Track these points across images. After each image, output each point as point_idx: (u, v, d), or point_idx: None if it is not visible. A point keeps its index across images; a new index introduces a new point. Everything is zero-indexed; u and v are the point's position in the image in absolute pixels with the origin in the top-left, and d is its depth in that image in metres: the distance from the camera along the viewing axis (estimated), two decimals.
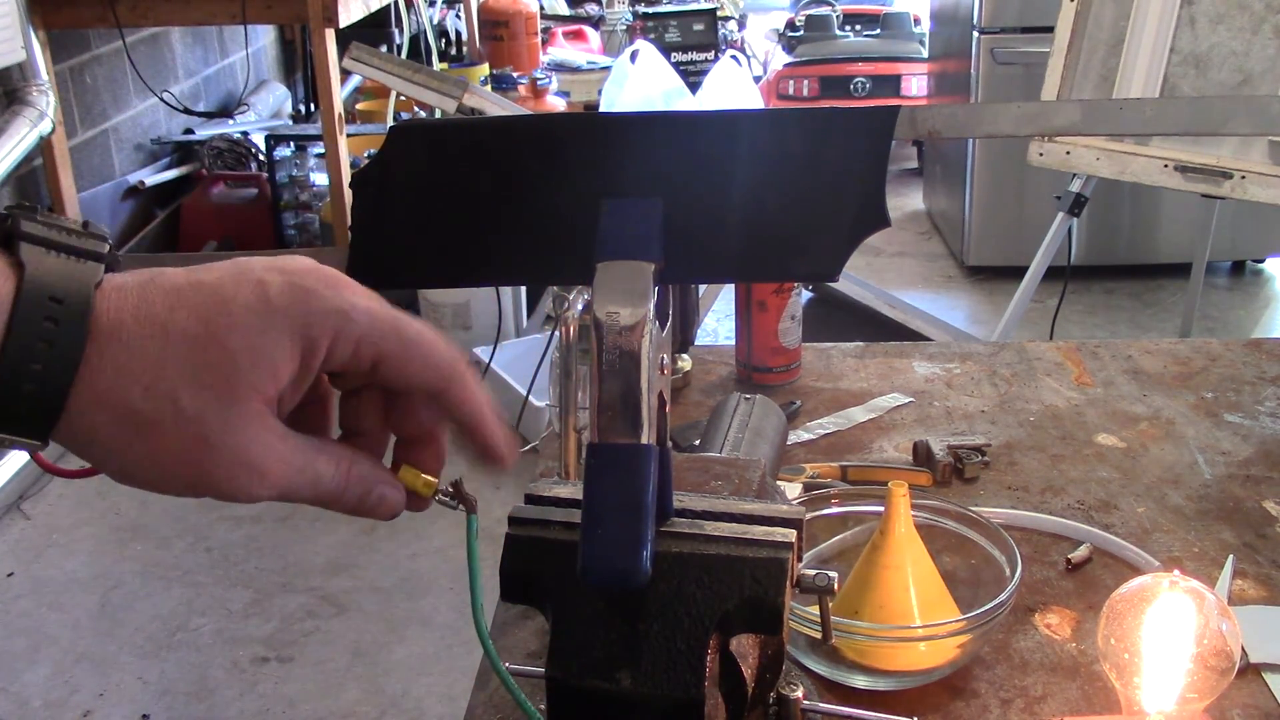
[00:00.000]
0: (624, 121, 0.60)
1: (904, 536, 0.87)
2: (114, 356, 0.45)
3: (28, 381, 0.44)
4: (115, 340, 0.45)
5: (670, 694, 0.56)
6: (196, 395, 0.46)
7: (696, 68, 5.08)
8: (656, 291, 0.55)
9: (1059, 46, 2.48)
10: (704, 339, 3.71)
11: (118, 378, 0.45)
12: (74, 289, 0.45)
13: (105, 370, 0.45)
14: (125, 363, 0.45)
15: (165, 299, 0.47)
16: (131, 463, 0.47)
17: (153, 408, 0.46)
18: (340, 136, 3.74)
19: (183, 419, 0.46)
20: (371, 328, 0.49)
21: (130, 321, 0.46)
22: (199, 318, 0.46)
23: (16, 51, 3.08)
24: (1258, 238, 4.41)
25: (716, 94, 1.35)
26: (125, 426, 0.46)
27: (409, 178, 0.59)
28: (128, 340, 0.46)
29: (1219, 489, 1.13)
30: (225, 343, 0.46)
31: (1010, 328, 2.97)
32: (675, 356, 1.35)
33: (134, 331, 0.46)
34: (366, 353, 0.49)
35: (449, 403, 0.52)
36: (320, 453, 0.51)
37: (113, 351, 0.45)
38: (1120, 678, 0.79)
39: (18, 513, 2.98)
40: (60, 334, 0.44)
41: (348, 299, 0.49)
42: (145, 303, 0.46)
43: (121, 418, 0.46)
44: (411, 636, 2.50)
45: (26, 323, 0.44)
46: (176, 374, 0.46)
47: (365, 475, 0.52)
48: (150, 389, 0.46)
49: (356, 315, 0.49)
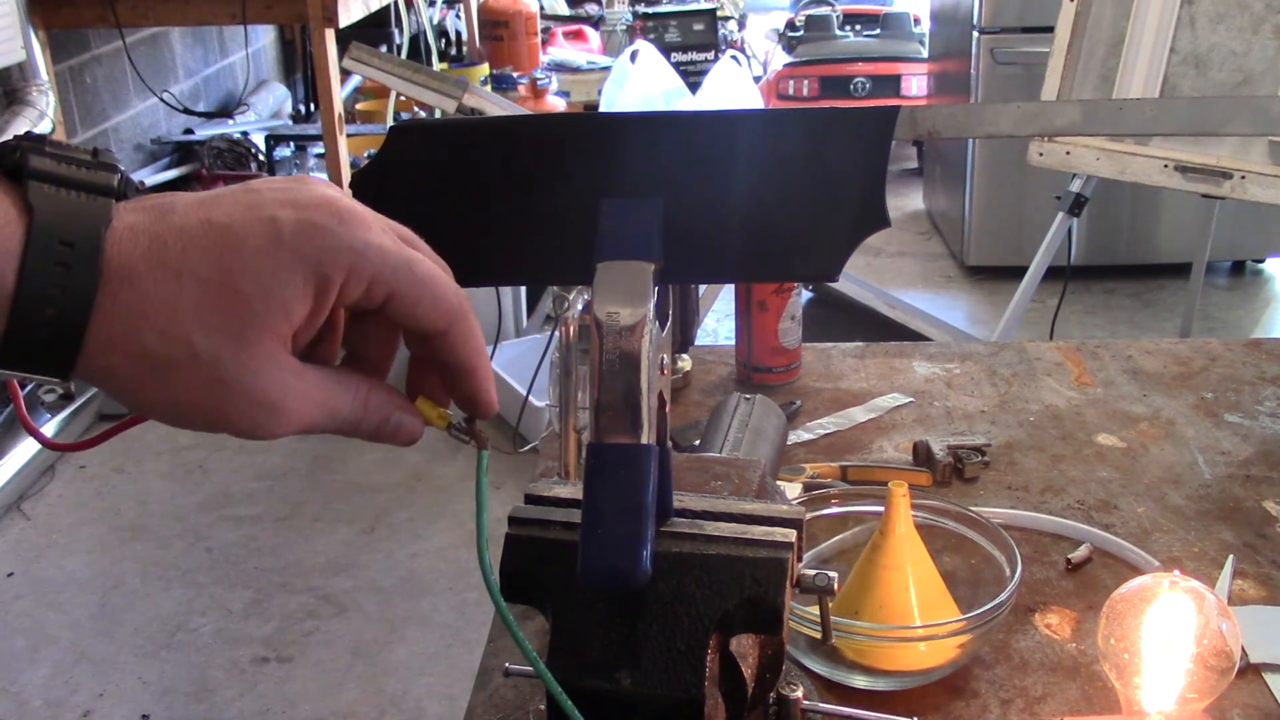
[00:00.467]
0: (624, 121, 0.60)
1: (904, 536, 0.87)
2: (127, 300, 0.45)
3: (43, 326, 0.44)
4: (127, 284, 0.45)
5: (670, 694, 0.56)
6: (210, 337, 0.46)
7: (696, 68, 5.09)
8: (656, 291, 0.55)
9: (1059, 46, 2.48)
10: (704, 339, 3.71)
11: (131, 320, 0.45)
12: (84, 231, 0.44)
13: (119, 313, 0.45)
14: (138, 306, 0.45)
15: (177, 239, 0.46)
16: (150, 402, 0.47)
17: (167, 350, 0.46)
18: (340, 136, 3.74)
19: (198, 361, 0.46)
20: (384, 265, 0.49)
21: (142, 265, 0.45)
22: (211, 259, 0.46)
23: (16, 51, 3.08)
24: (1258, 238, 4.41)
25: (716, 94, 1.35)
26: (142, 367, 0.46)
27: (409, 178, 0.59)
28: (139, 284, 0.45)
29: (1219, 489, 1.13)
30: (238, 284, 0.46)
31: (1010, 328, 2.97)
32: (675, 356, 1.35)
33: (146, 275, 0.45)
34: (378, 291, 0.49)
35: (448, 344, 0.52)
36: (337, 384, 0.51)
37: (125, 295, 0.45)
38: (1120, 678, 0.79)
39: (18, 513, 2.98)
40: (72, 278, 0.44)
41: (361, 236, 0.48)
42: (157, 245, 0.46)
43: (137, 359, 0.46)
44: (411, 636, 2.50)
45: (38, 267, 0.44)
46: (190, 317, 0.46)
47: (382, 403, 0.52)
48: (164, 332, 0.45)
49: (370, 253, 0.48)
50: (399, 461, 3.24)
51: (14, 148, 0.45)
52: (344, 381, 0.51)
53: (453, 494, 3.06)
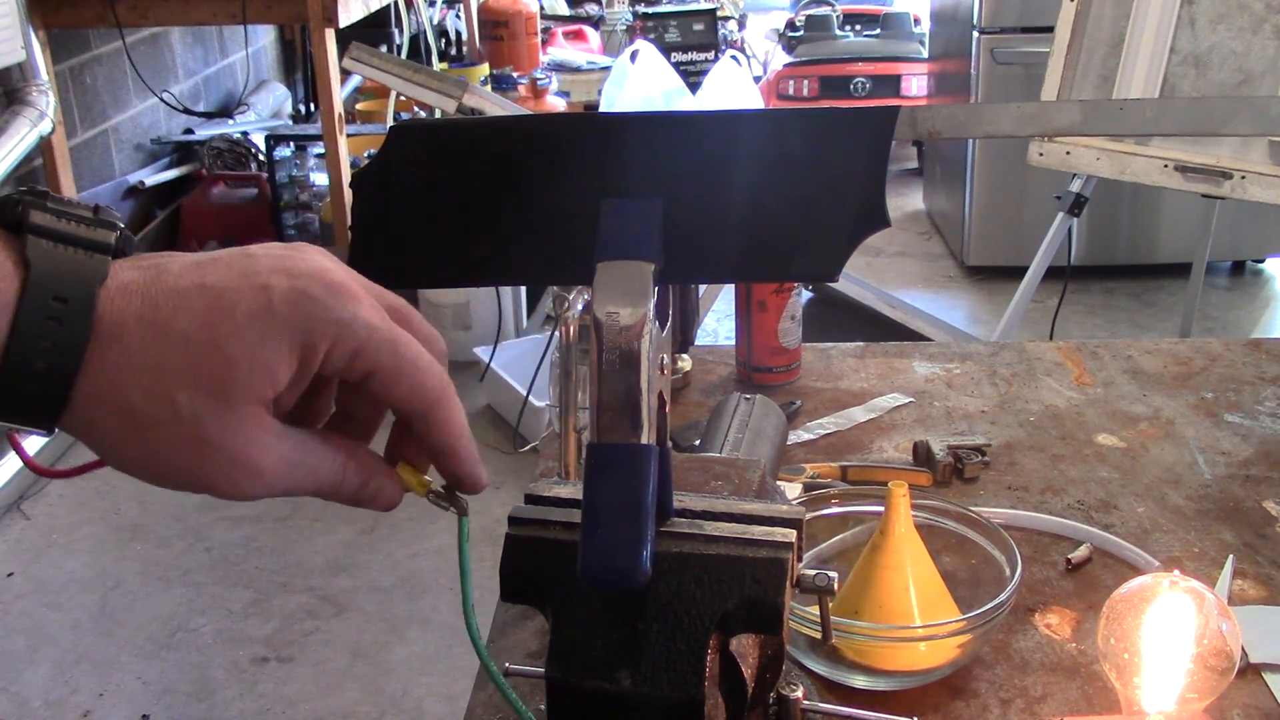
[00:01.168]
0: (624, 121, 0.60)
1: (904, 536, 0.87)
2: (115, 357, 0.46)
3: (32, 379, 0.45)
4: (117, 341, 0.46)
5: (670, 694, 0.56)
6: (194, 397, 0.46)
7: (696, 68, 5.09)
8: (656, 291, 0.55)
9: (1059, 46, 2.48)
10: (704, 339, 3.71)
11: (118, 376, 0.46)
12: (79, 288, 0.45)
13: (106, 369, 0.46)
14: (125, 363, 0.46)
15: (169, 301, 0.47)
16: (130, 458, 0.48)
17: (151, 408, 0.46)
18: (340, 136, 3.74)
19: (180, 420, 0.47)
20: (369, 341, 0.50)
21: (133, 324, 0.46)
22: (201, 322, 0.47)
23: (16, 51, 3.08)
24: (1258, 238, 4.41)
25: (716, 94, 1.35)
26: (125, 423, 0.47)
27: (409, 178, 0.59)
28: (128, 342, 0.46)
29: (1219, 489, 1.13)
30: (225, 349, 0.47)
31: (1010, 328, 2.97)
32: (675, 356, 1.35)
33: (135, 333, 0.46)
34: (360, 365, 0.50)
35: (428, 426, 0.53)
36: (316, 448, 0.51)
37: (114, 352, 0.46)
38: (1120, 678, 0.79)
39: (18, 513, 2.98)
40: (64, 334, 0.45)
41: (350, 310, 0.49)
42: (149, 306, 0.47)
43: (121, 414, 0.46)
44: (411, 636, 2.50)
45: (31, 321, 0.44)
46: (175, 376, 0.46)
47: (361, 468, 0.53)
48: (149, 390, 0.46)
49: (356, 328, 0.49)
50: None
51: (16, 201, 0.46)
52: (323, 446, 0.52)
53: None
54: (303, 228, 4.33)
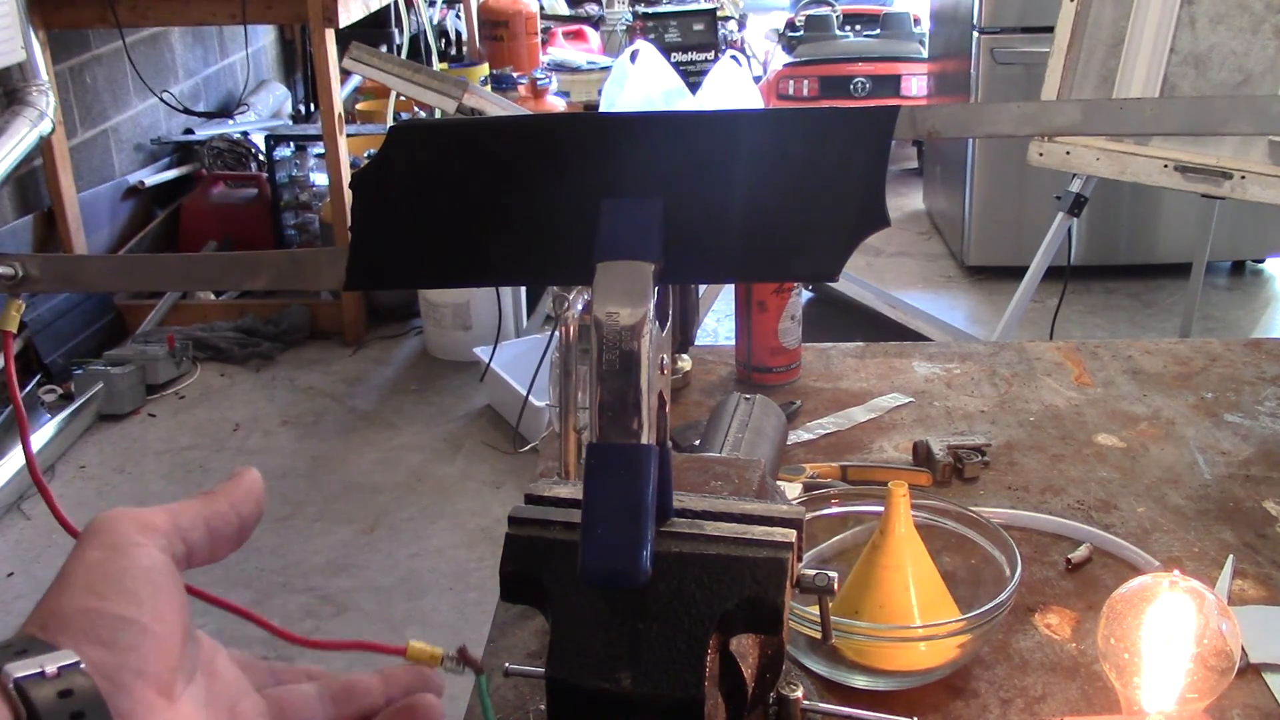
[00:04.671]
0: (624, 121, 0.60)
1: (904, 536, 0.87)
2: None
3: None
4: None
5: (670, 694, 0.56)
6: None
7: (696, 68, 5.09)
8: (656, 291, 0.55)
9: (1059, 46, 2.48)
10: (704, 339, 3.71)
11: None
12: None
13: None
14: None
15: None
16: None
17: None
18: (340, 136, 3.74)
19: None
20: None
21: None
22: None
23: (16, 51, 3.09)
24: (1258, 238, 4.41)
25: (716, 94, 1.34)
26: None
27: (409, 178, 0.59)
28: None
29: (1219, 489, 1.13)
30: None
31: (1010, 328, 2.97)
32: (675, 356, 1.35)
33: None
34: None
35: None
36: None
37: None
38: (1120, 678, 0.79)
39: (18, 513, 2.98)
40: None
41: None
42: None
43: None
44: (411, 636, 2.49)
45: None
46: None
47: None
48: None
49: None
50: (399, 461, 3.24)
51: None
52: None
53: (453, 494, 3.06)
54: (302, 228, 4.33)
